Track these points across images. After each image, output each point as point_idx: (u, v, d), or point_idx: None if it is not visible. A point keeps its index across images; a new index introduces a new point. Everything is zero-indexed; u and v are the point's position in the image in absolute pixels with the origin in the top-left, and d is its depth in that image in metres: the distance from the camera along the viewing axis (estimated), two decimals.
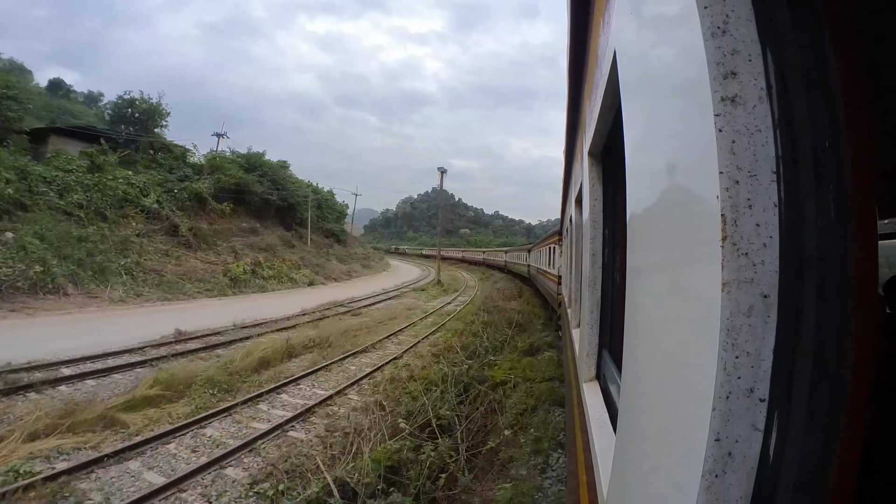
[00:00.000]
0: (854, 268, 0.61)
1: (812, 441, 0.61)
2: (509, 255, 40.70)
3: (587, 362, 2.79)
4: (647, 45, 1.03)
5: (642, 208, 1.08)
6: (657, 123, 0.95)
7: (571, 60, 3.19)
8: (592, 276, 2.79)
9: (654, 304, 1.00)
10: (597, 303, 2.74)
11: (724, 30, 0.65)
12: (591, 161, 2.84)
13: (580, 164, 3.48)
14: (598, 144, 2.54)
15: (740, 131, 0.62)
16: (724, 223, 0.61)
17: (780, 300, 0.60)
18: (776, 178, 0.61)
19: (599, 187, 2.80)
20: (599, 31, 1.93)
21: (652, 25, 0.99)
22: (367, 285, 35.40)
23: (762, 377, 0.60)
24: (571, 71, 3.37)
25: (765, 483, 0.62)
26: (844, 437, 0.61)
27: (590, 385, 2.65)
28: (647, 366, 1.03)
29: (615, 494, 1.27)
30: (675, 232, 0.83)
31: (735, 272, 0.60)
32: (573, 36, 2.84)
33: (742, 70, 0.64)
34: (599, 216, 2.75)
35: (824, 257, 0.61)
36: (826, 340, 0.61)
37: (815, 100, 0.63)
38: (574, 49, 2.98)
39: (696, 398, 0.66)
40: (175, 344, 13.21)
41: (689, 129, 0.74)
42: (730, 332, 0.59)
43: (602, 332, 2.73)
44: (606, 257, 2.72)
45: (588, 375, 2.75)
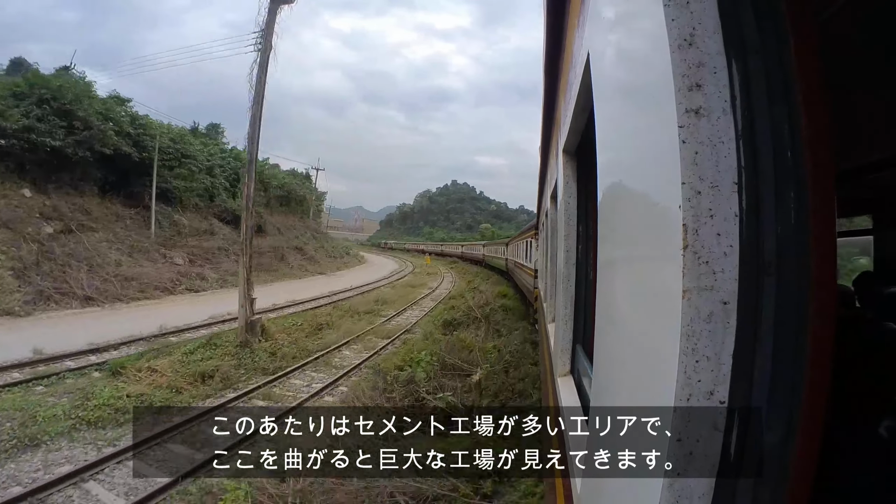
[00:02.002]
0: (813, 274, 0.63)
1: (771, 440, 0.64)
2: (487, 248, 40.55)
3: (562, 357, 2.84)
4: (618, 52, 1.05)
5: (612, 210, 1.10)
6: (626, 129, 0.97)
7: (547, 58, 3.21)
8: (566, 272, 2.83)
9: (623, 305, 1.02)
10: (571, 298, 2.79)
11: (691, 42, 0.66)
12: (565, 158, 2.87)
13: (555, 160, 3.51)
14: (572, 142, 2.57)
15: (703, 143, 0.64)
16: (685, 232, 0.62)
17: (740, 306, 0.62)
18: (737, 189, 0.63)
19: (574, 185, 2.84)
20: (574, 32, 1.94)
21: (623, 33, 1.00)
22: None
23: (721, 380, 0.62)
24: (547, 68, 3.39)
25: (726, 481, 0.65)
26: (802, 435, 0.64)
27: (564, 380, 2.69)
28: (616, 364, 1.05)
29: (588, 490, 1.30)
30: (641, 237, 0.86)
31: (695, 280, 0.62)
32: (549, 33, 2.86)
33: (707, 82, 0.65)
34: (573, 213, 2.79)
35: (783, 264, 0.63)
36: (784, 344, 0.63)
37: (778, 110, 0.66)
38: (550, 46, 3.00)
39: (660, 398, 0.69)
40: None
41: (654, 138, 0.75)
42: (690, 338, 0.62)
43: (576, 327, 2.78)
44: (580, 254, 2.76)
45: (563, 370, 2.80)
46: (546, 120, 4.36)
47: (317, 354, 12.60)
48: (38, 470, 6.44)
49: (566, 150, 2.78)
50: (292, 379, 10.98)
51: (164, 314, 16.22)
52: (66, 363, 10.91)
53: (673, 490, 0.65)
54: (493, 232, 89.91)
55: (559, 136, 3.08)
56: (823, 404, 0.64)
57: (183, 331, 14.65)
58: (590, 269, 2.64)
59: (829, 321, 0.64)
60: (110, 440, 7.38)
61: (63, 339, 12.26)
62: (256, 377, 10.76)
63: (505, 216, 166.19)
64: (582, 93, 1.72)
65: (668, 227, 0.67)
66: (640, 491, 0.79)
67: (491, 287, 25.45)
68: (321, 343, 13.88)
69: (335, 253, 48.37)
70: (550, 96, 3.77)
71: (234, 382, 10.34)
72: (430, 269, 46.21)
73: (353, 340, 14.49)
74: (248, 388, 9.87)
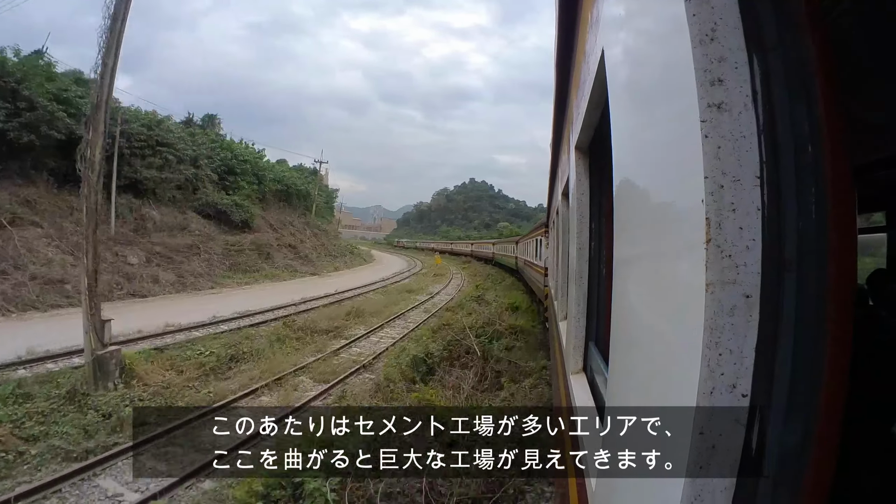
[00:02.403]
0: (832, 268, 0.63)
1: (791, 434, 0.64)
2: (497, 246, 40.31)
3: (574, 355, 2.83)
4: (635, 47, 1.05)
5: (629, 206, 1.10)
6: (644, 125, 0.97)
7: (559, 55, 3.20)
8: (579, 269, 2.82)
9: (640, 300, 1.02)
10: (583, 296, 2.78)
11: (712, 38, 0.67)
12: (578, 155, 2.86)
13: (567, 157, 3.51)
14: (585, 139, 2.56)
15: (725, 137, 0.64)
16: (708, 226, 0.63)
17: (762, 300, 0.62)
18: (759, 183, 0.63)
19: (586, 181, 2.83)
20: (587, 28, 1.94)
21: (641, 29, 1.00)
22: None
23: (744, 374, 0.63)
24: (559, 64, 3.38)
25: (747, 475, 0.65)
26: (822, 429, 0.64)
27: (577, 377, 2.69)
28: (634, 360, 1.06)
29: (603, 486, 1.30)
30: (660, 231, 0.86)
31: (718, 273, 0.62)
32: (560, 30, 2.85)
33: (728, 77, 0.66)
34: (586, 210, 2.78)
35: (804, 259, 0.63)
36: (805, 338, 0.63)
37: (797, 106, 0.66)
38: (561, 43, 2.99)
39: (681, 393, 0.69)
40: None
41: (675, 132, 0.76)
42: (713, 331, 0.62)
43: (588, 324, 2.78)
44: (593, 251, 2.76)
45: (575, 368, 2.79)
46: (557, 117, 4.35)
47: (186, 417, 7.48)
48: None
49: (578, 146, 2.77)
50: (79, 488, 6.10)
51: (59, 328, 12.27)
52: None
53: (696, 484, 0.66)
54: (512, 230, 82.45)
55: (571, 133, 3.07)
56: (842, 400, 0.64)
57: (36, 361, 10.06)
58: (603, 265, 2.63)
59: (848, 317, 0.64)
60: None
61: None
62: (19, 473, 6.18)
63: (523, 214, 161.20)
64: (596, 89, 1.72)
65: (690, 221, 0.67)
66: (659, 489, 0.79)
67: (500, 294, 21.66)
68: (215, 391, 9.37)
69: (336, 252, 45.26)
70: (562, 93, 3.76)
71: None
72: (438, 270, 42.68)
73: (269, 386, 9.85)
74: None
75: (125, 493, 6.07)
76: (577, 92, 2.51)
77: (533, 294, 17.73)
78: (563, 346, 3.82)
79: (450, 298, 23.36)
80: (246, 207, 32.39)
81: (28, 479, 6.10)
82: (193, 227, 27.77)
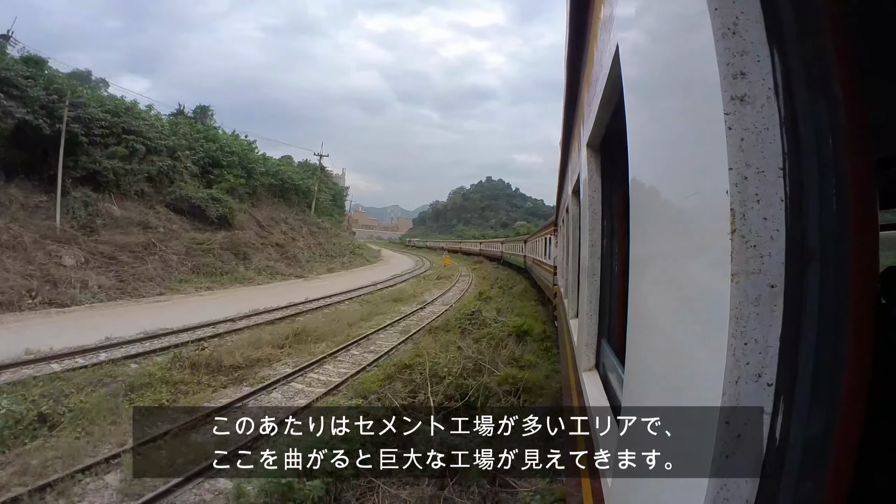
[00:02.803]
0: (854, 259, 0.64)
1: (815, 423, 0.65)
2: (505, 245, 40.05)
3: (586, 352, 2.83)
4: (654, 42, 1.05)
5: (647, 201, 1.11)
6: (663, 119, 0.97)
7: (570, 51, 3.20)
8: (591, 266, 2.82)
9: (659, 295, 1.03)
10: (595, 293, 2.78)
11: (734, 31, 0.67)
12: (589, 152, 2.86)
13: (578, 154, 3.50)
14: (597, 136, 2.56)
15: (749, 129, 0.65)
16: (732, 217, 0.64)
17: (787, 290, 0.63)
18: (782, 175, 0.64)
19: (598, 178, 2.83)
20: (599, 25, 1.94)
21: (659, 24, 1.01)
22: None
23: (769, 363, 0.63)
24: (569, 61, 3.38)
25: (772, 463, 0.66)
26: (844, 420, 0.65)
27: (589, 374, 2.69)
28: (653, 354, 1.06)
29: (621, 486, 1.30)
30: (682, 225, 0.86)
31: (743, 263, 0.63)
32: (572, 27, 2.85)
33: (751, 70, 0.66)
34: (598, 207, 2.78)
35: (826, 249, 0.64)
36: (827, 329, 0.64)
37: (818, 99, 0.66)
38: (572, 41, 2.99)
39: (705, 384, 0.70)
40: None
41: (697, 126, 0.76)
42: (739, 321, 0.63)
43: (601, 322, 2.78)
44: (605, 248, 2.75)
45: (587, 365, 2.79)
46: (567, 115, 4.34)
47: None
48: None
49: (590, 143, 2.77)
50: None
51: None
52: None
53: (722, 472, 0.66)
54: (529, 229, 77.26)
55: (582, 131, 3.07)
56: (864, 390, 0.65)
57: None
58: (615, 262, 2.63)
59: (870, 308, 0.65)
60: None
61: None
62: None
63: (541, 213, 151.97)
64: (609, 86, 1.72)
65: (714, 213, 0.68)
66: (680, 489, 0.79)
67: (507, 304, 17.50)
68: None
69: (336, 251, 41.88)
70: (572, 92, 3.76)
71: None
72: (444, 272, 38.54)
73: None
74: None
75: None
76: (589, 89, 2.51)
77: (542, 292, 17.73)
78: (574, 343, 3.82)
79: (445, 309, 18.95)
80: (225, 202, 28.57)
81: None
82: (156, 223, 24.15)
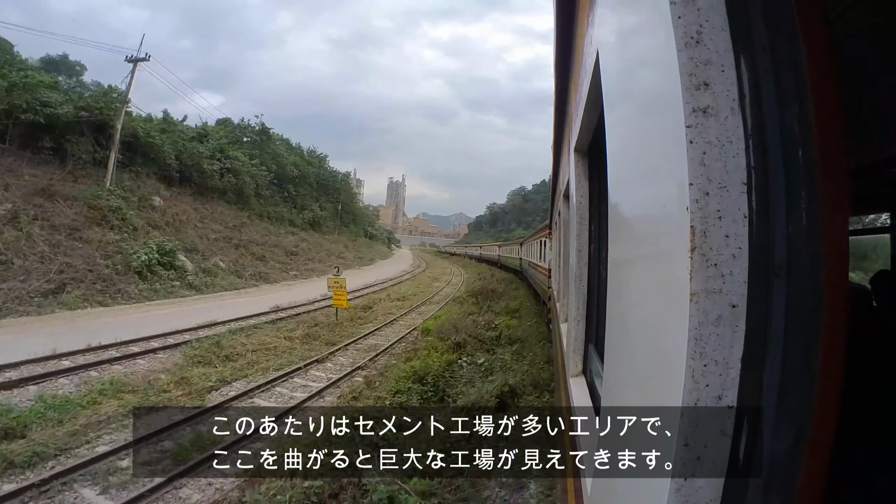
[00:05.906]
0: (824, 275, 0.62)
1: (780, 447, 0.62)
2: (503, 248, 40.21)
3: (574, 358, 2.81)
4: (625, 50, 1.03)
5: (622, 210, 1.09)
6: (635, 128, 0.95)
7: (558, 54, 3.19)
8: (579, 271, 2.80)
9: (632, 305, 1.01)
10: (583, 298, 2.76)
11: (698, 40, 0.65)
12: (577, 157, 2.85)
13: (567, 159, 3.49)
14: (583, 141, 2.55)
15: (711, 143, 0.63)
16: (693, 234, 0.61)
17: (749, 309, 0.61)
18: (747, 190, 0.62)
19: (585, 183, 2.81)
20: (584, 29, 1.92)
21: (630, 31, 0.99)
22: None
23: (730, 385, 0.61)
24: (558, 65, 3.37)
25: (734, 486, 0.64)
26: (813, 440, 0.63)
27: (576, 380, 2.67)
28: (626, 365, 1.04)
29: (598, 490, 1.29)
30: (649, 237, 0.84)
31: (703, 283, 0.61)
32: (559, 29, 2.84)
33: (715, 81, 0.64)
34: (586, 212, 2.76)
35: (794, 265, 0.62)
36: (794, 347, 0.62)
37: (788, 108, 0.64)
38: (560, 43, 2.98)
39: (668, 401, 0.68)
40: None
41: (662, 137, 0.74)
42: (698, 342, 0.61)
43: (588, 327, 2.76)
44: (592, 253, 2.73)
45: (575, 371, 2.77)
46: (558, 118, 4.33)
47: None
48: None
49: (578, 148, 2.75)
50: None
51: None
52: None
53: (680, 494, 0.64)
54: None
55: (571, 135, 3.05)
56: (835, 411, 0.63)
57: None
58: (602, 268, 2.61)
59: (842, 325, 0.62)
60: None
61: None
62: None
63: None
64: (592, 91, 1.71)
65: (677, 229, 0.66)
66: (647, 491, 0.78)
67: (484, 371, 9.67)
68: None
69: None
70: (562, 95, 3.74)
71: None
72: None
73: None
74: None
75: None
76: (576, 94, 2.49)
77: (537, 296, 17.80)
78: (563, 348, 3.80)
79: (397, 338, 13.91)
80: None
81: None
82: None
